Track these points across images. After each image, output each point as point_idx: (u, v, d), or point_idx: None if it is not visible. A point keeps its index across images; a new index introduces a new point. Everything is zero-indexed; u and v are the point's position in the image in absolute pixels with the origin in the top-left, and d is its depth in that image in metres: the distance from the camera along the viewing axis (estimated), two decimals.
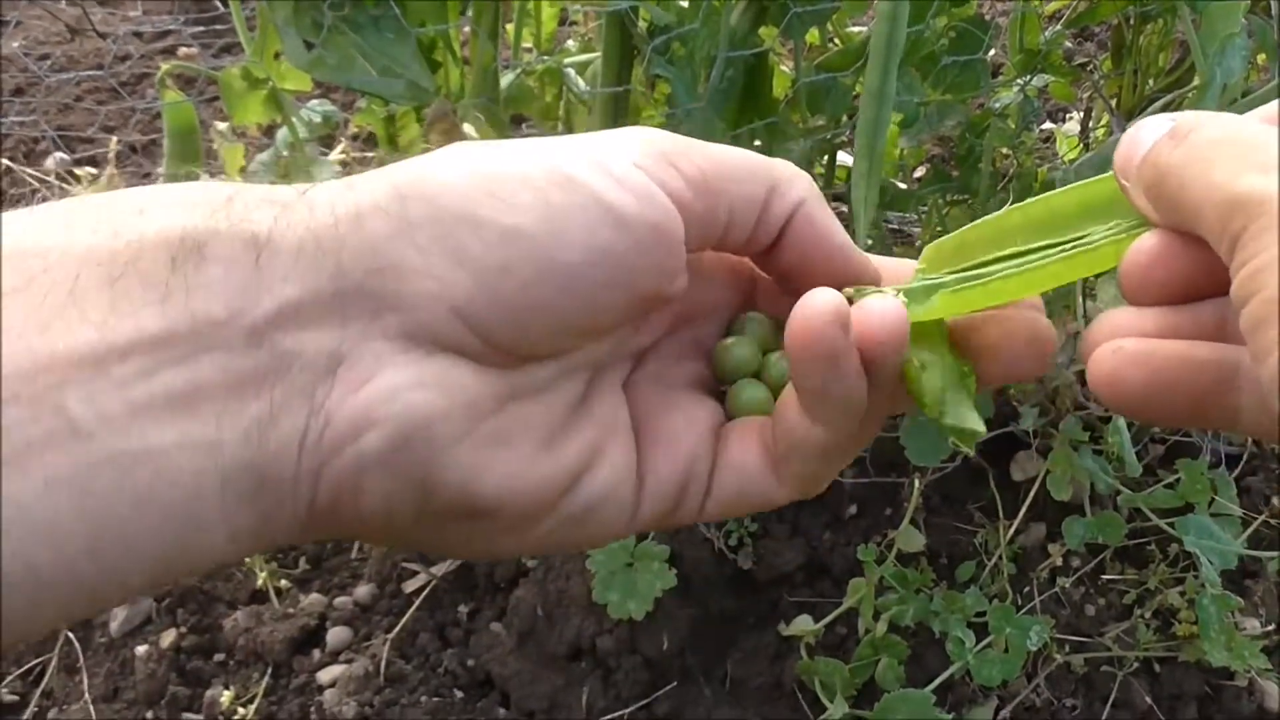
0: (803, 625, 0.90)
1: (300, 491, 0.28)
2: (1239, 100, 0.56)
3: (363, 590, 0.99)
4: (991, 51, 0.75)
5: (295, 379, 0.27)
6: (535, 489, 0.31)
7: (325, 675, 0.93)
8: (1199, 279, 0.29)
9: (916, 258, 0.34)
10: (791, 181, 0.34)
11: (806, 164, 0.79)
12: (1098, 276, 0.65)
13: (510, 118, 0.82)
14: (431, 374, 0.29)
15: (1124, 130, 0.72)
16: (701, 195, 0.32)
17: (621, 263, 0.30)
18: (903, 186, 0.92)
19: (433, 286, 0.29)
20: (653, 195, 0.31)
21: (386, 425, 0.28)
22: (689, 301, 0.35)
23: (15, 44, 1.58)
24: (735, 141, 0.75)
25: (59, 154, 1.38)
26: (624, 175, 0.31)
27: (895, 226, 1.11)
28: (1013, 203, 0.84)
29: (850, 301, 0.31)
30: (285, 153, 0.87)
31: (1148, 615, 0.91)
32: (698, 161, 0.32)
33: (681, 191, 0.31)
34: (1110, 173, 0.31)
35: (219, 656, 0.96)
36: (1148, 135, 0.30)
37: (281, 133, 0.87)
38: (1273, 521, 0.95)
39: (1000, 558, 0.92)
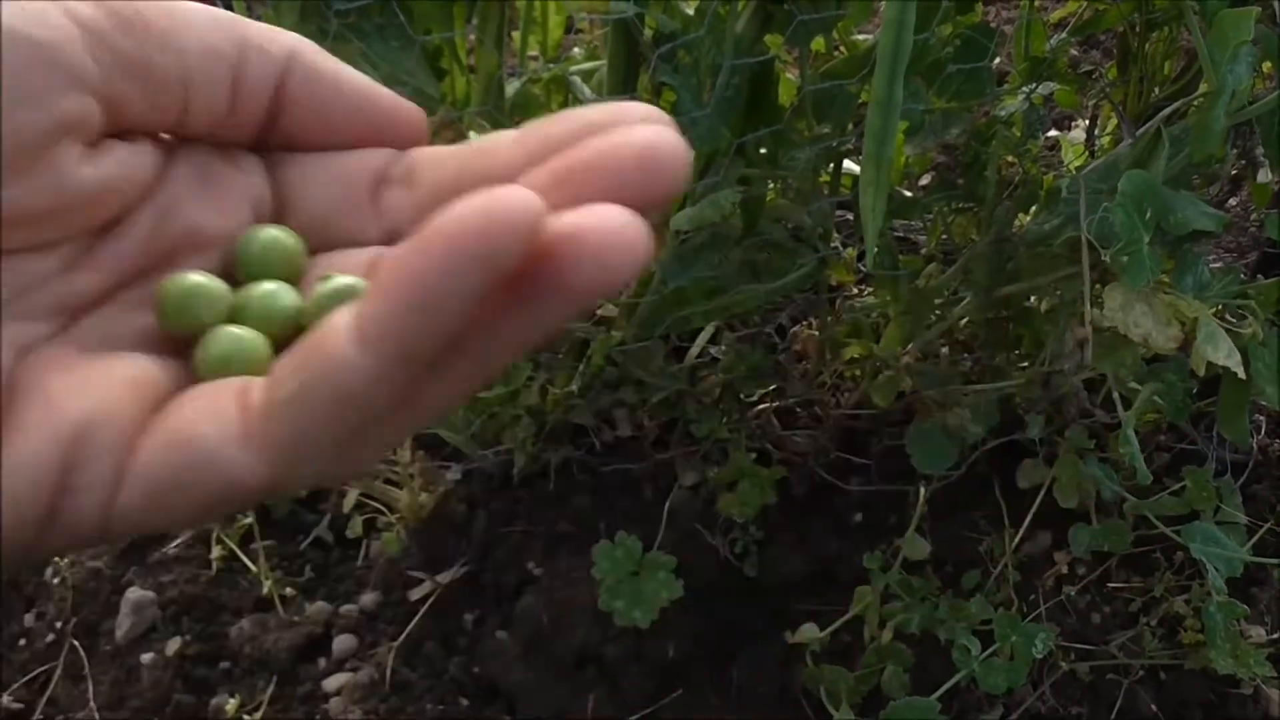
0: (808, 633, 0.90)
1: None
2: (1245, 108, 0.56)
3: (368, 598, 0.99)
4: (997, 59, 0.75)
5: None
6: None
7: (331, 683, 0.93)
8: None
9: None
10: (271, 36, 0.27)
11: (812, 172, 0.80)
12: (1103, 284, 0.65)
13: (516, 125, 0.82)
14: None
15: (1132, 137, 0.72)
16: (130, 33, 0.25)
17: None
18: (908, 194, 0.92)
19: None
20: (38, 10, 0.24)
21: None
22: (176, 229, 0.27)
23: None
24: (740, 149, 0.75)
25: None
26: None
27: (901, 234, 1.11)
28: (1018, 211, 0.84)
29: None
30: None
31: (1153, 623, 0.91)
32: (134, 4, 0.26)
33: (95, 20, 0.25)
34: None
35: (224, 664, 0.96)
36: None
37: None
38: (1278, 529, 0.94)
39: (1006, 565, 0.92)
